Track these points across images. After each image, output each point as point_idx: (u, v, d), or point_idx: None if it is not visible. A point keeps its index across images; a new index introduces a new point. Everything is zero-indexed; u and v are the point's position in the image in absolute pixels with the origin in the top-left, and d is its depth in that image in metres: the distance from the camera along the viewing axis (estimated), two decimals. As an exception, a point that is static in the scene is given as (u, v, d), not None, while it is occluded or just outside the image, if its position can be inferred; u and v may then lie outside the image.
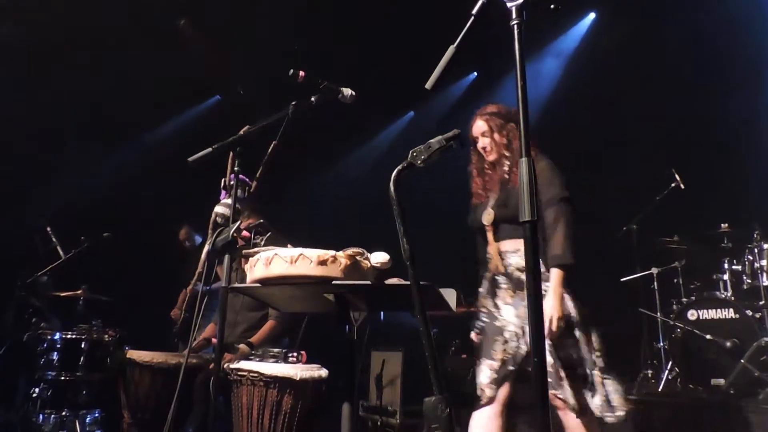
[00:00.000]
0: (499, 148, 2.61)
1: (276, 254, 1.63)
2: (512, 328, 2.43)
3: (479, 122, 2.68)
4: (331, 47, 5.55)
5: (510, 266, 2.52)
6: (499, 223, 2.57)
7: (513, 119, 2.64)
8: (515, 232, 2.52)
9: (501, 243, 2.56)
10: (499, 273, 2.55)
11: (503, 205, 2.56)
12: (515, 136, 2.60)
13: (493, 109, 2.69)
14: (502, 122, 2.64)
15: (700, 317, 4.00)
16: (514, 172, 2.56)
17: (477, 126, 2.68)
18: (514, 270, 2.50)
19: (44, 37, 5.04)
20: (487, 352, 2.44)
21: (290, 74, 2.19)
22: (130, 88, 5.58)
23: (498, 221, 2.57)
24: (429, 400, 1.41)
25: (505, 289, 2.51)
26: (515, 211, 2.46)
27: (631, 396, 3.81)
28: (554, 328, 2.32)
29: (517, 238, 2.51)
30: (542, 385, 1.18)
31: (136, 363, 3.10)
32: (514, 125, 2.62)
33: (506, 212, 2.54)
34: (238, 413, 2.69)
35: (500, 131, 2.62)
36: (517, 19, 1.23)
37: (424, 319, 1.53)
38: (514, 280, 2.49)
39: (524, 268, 2.37)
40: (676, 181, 4.53)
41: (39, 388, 3.69)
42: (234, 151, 2.20)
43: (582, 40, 5.96)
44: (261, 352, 2.90)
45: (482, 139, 2.65)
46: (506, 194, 2.58)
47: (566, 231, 2.39)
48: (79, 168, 5.79)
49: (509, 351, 2.41)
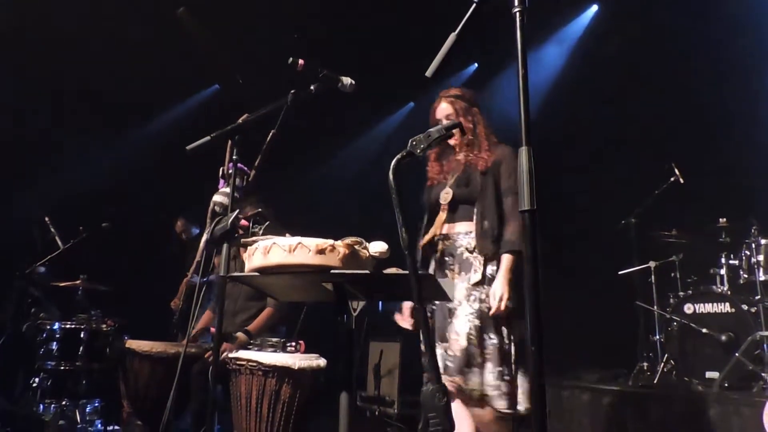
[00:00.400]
0: (466, 132, 2.58)
1: (274, 243, 1.63)
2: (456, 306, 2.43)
3: (444, 104, 2.63)
4: (330, 36, 5.53)
5: (460, 247, 2.50)
6: (457, 203, 2.56)
7: (477, 104, 2.65)
8: (470, 213, 2.52)
9: (455, 224, 2.55)
10: (448, 254, 2.53)
11: (464, 185, 2.55)
12: (479, 120, 2.61)
13: (457, 92, 2.65)
14: (467, 106, 2.61)
15: (697, 311, 4.01)
16: (477, 156, 2.56)
17: (441, 108, 2.63)
18: (464, 251, 2.49)
19: (42, 27, 5.01)
20: (441, 335, 2.45)
21: (289, 63, 2.18)
22: (128, 78, 5.56)
23: (456, 201, 2.56)
24: (426, 390, 1.42)
25: (452, 270, 2.50)
26: (475, 192, 2.49)
27: (627, 388, 3.85)
28: (502, 306, 2.32)
29: (471, 220, 2.51)
30: (538, 378, 1.18)
31: (136, 353, 3.10)
32: (478, 110, 2.64)
33: (465, 192, 2.54)
34: (236, 402, 2.70)
35: (465, 115, 2.59)
36: (519, 6, 1.23)
37: (422, 308, 1.53)
38: (462, 261, 2.48)
39: (473, 249, 2.44)
40: (676, 175, 4.53)
41: (39, 378, 3.71)
42: (232, 139, 2.20)
43: (583, 32, 5.94)
44: (259, 342, 2.91)
45: (446, 122, 2.58)
46: (467, 175, 2.56)
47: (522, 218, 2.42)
48: (78, 158, 5.78)
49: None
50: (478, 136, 2.59)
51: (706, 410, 3.18)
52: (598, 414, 3.66)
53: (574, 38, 5.99)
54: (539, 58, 5.98)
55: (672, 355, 4.01)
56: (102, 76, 5.43)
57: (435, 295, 1.95)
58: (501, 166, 2.53)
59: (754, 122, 4.60)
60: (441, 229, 2.57)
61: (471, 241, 2.48)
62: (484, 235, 2.45)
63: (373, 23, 5.46)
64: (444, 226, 2.57)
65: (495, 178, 2.52)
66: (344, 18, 5.47)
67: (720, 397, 3.30)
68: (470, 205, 2.53)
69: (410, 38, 4.98)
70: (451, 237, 2.55)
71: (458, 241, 2.52)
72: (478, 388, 2.32)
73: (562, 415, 3.85)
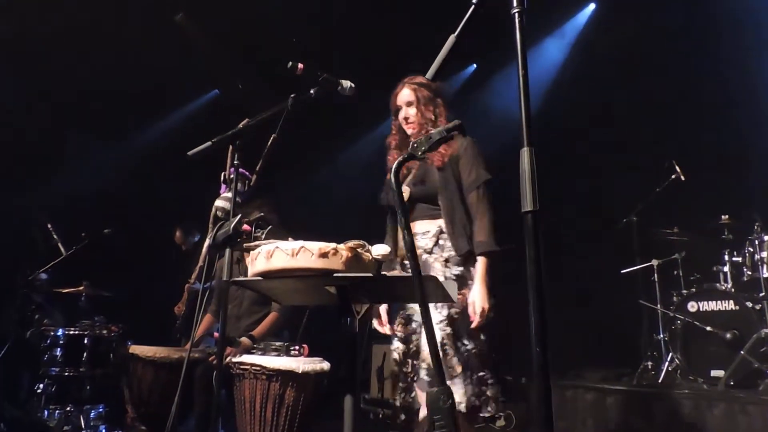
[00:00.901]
0: (424, 122, 2.43)
1: (277, 247, 1.63)
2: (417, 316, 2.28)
3: (406, 90, 2.48)
4: (329, 40, 5.53)
5: (418, 249, 2.33)
6: (415, 201, 2.41)
7: (442, 95, 2.49)
8: (429, 212, 2.38)
9: (414, 224, 2.40)
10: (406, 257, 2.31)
11: (420, 182, 2.41)
12: (442, 113, 2.45)
13: (422, 80, 2.47)
14: (430, 95, 2.45)
15: (700, 309, 4.00)
16: (438, 152, 2.36)
17: (402, 94, 2.49)
18: (422, 253, 2.33)
19: (43, 31, 5.02)
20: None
21: (289, 67, 2.19)
22: (129, 83, 5.57)
23: (413, 199, 2.41)
24: (431, 392, 1.42)
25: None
26: (433, 189, 2.37)
27: (631, 387, 3.84)
28: (482, 318, 2.19)
29: (430, 218, 2.37)
30: (544, 380, 1.18)
31: (139, 358, 3.10)
32: (443, 102, 2.48)
33: (423, 190, 2.39)
34: (240, 407, 2.70)
35: (427, 104, 2.44)
36: (518, 7, 1.23)
37: (425, 311, 1.53)
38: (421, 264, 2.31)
39: (431, 250, 2.31)
40: (677, 172, 4.52)
41: (43, 384, 3.72)
42: (233, 144, 2.20)
43: (581, 30, 5.94)
44: (263, 346, 2.90)
45: (406, 108, 2.47)
46: (424, 171, 2.41)
47: (489, 216, 2.28)
48: (80, 164, 5.79)
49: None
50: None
51: (712, 409, 3.17)
52: (602, 414, 3.65)
53: (573, 35, 5.99)
54: (538, 57, 5.98)
55: (676, 353, 4.00)
56: (103, 82, 5.44)
57: (438, 296, 1.94)
58: (460, 160, 2.38)
59: (755, 118, 4.60)
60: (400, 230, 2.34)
61: (429, 242, 2.34)
62: (457, 233, 2.30)
63: (373, 26, 5.46)
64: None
65: (454, 172, 2.37)
66: (344, 21, 5.48)
67: (726, 395, 3.29)
68: (428, 203, 2.39)
69: (410, 41, 4.99)
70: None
71: (418, 242, 2.35)
72: (462, 400, 2.15)
73: (566, 415, 3.84)
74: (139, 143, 6.33)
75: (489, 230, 2.24)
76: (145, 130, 6.43)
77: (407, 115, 2.45)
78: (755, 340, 3.55)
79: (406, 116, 2.45)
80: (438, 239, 2.33)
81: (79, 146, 5.75)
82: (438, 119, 2.43)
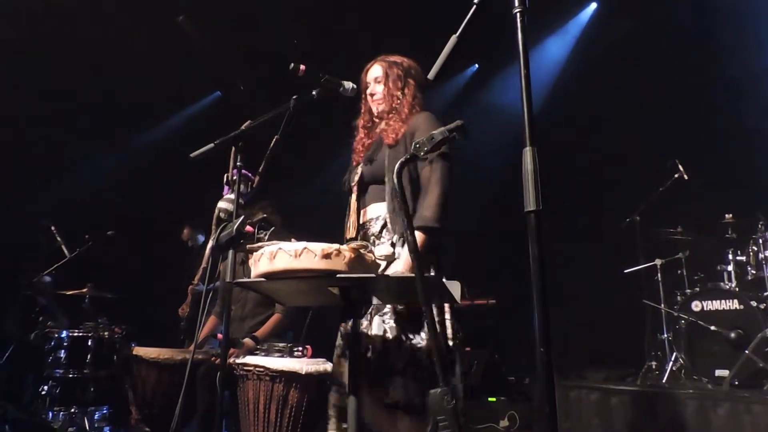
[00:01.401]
0: (390, 99, 2.29)
1: (280, 248, 1.63)
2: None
3: (376, 66, 2.35)
4: (330, 40, 5.53)
5: (372, 236, 2.18)
6: (366, 183, 2.26)
7: (415, 77, 2.33)
8: (380, 194, 2.20)
9: (365, 209, 2.25)
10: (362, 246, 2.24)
11: (369, 161, 2.25)
12: (410, 92, 2.30)
13: (395, 59, 2.36)
14: (401, 74, 2.31)
15: (704, 308, 3.99)
16: (390, 127, 2.25)
17: (372, 71, 2.36)
18: (374, 239, 2.17)
19: (46, 35, 5.04)
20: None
21: (291, 68, 2.19)
22: (131, 86, 5.59)
23: (365, 181, 2.26)
24: (434, 392, 1.42)
25: None
26: (381, 169, 2.19)
27: (636, 387, 3.83)
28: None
29: (381, 201, 2.20)
30: (548, 379, 1.17)
31: (143, 359, 3.11)
32: (414, 83, 2.32)
33: (371, 170, 2.23)
34: (244, 408, 2.70)
35: (396, 81, 2.30)
36: (519, 6, 1.23)
37: (429, 311, 1.53)
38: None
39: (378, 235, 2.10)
40: (680, 171, 4.51)
41: (48, 386, 3.73)
42: (236, 146, 2.20)
43: (584, 28, 5.93)
44: (266, 347, 2.91)
45: (374, 85, 2.33)
46: (375, 149, 2.26)
47: (440, 191, 2.05)
48: (82, 166, 5.81)
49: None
50: (402, 105, 2.27)
51: (717, 409, 3.16)
52: (607, 414, 3.64)
53: (575, 35, 5.99)
54: (540, 56, 5.97)
55: (680, 353, 3.99)
56: (105, 84, 5.46)
57: (442, 296, 1.94)
58: (415, 135, 2.16)
59: (758, 116, 4.58)
60: (357, 216, 2.26)
61: (377, 226, 2.18)
62: (395, 213, 2.11)
63: (374, 27, 5.46)
64: (360, 213, 2.26)
65: (408, 149, 2.10)
66: (345, 22, 5.48)
67: (730, 395, 3.27)
68: (378, 183, 2.22)
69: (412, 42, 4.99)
70: (365, 226, 2.23)
71: (370, 229, 2.20)
72: (401, 399, 1.96)
73: (570, 416, 3.83)
74: (141, 145, 6.34)
75: (436, 205, 2.02)
76: (147, 132, 6.44)
77: (374, 91, 2.33)
78: (760, 340, 3.54)
79: (372, 92, 2.33)
80: (385, 222, 2.16)
81: (81, 149, 5.77)
82: (405, 98, 2.28)
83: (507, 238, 3.98)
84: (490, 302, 4.97)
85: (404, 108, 2.27)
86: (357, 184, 2.27)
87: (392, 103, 2.29)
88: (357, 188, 2.27)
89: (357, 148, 2.38)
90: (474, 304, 4.91)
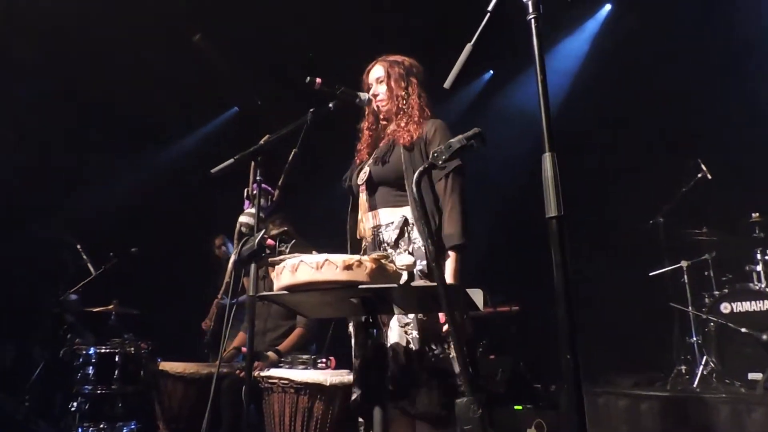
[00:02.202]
0: (396, 100, 2.27)
1: (302, 261, 1.64)
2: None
3: (377, 67, 2.34)
4: (345, 52, 5.58)
5: (383, 244, 2.14)
6: (376, 185, 2.22)
7: (417, 76, 2.33)
8: (393, 198, 2.18)
9: (376, 212, 2.20)
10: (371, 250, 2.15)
11: (381, 162, 2.21)
12: (415, 92, 2.29)
13: (397, 58, 2.35)
14: (402, 73, 2.30)
15: (734, 310, 3.90)
16: (402, 128, 2.23)
17: (374, 71, 2.34)
18: (386, 247, 2.13)
19: (68, 54, 5.17)
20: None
21: (307, 82, 2.21)
22: (151, 103, 5.71)
23: (375, 181, 2.22)
24: (461, 401, 1.41)
25: None
26: (395, 170, 2.18)
27: (666, 392, 3.75)
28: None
29: (393, 206, 2.17)
30: (576, 386, 1.16)
31: (169, 374, 3.15)
32: (417, 82, 2.32)
33: (385, 171, 2.20)
34: (270, 420, 2.71)
35: (398, 81, 2.28)
36: (533, 12, 1.23)
37: (452, 320, 1.52)
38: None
39: (394, 244, 2.07)
40: (703, 171, 4.43)
41: (77, 402, 3.78)
42: (255, 160, 2.23)
43: (600, 28, 5.89)
44: (290, 359, 2.92)
45: (377, 85, 2.32)
46: (387, 150, 2.23)
47: (461, 207, 2.07)
48: (105, 184, 5.92)
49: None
50: (410, 107, 2.25)
51: (751, 413, 3.08)
52: (636, 421, 3.57)
53: (590, 35, 5.95)
54: (557, 59, 5.94)
55: (711, 356, 3.89)
56: (125, 101, 5.57)
57: (465, 305, 1.93)
58: (430, 144, 2.17)
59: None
60: (366, 220, 2.23)
61: (392, 234, 2.13)
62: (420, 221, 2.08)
63: (389, 36, 5.49)
64: (367, 215, 2.23)
65: (423, 154, 2.16)
66: (358, 33, 5.52)
67: (765, 398, 3.19)
68: (391, 187, 2.19)
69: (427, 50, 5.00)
70: (375, 231, 2.20)
71: (380, 236, 2.16)
72: (426, 410, 1.95)
73: (599, 423, 3.76)
74: (162, 161, 6.46)
75: (459, 222, 2.04)
76: (168, 148, 6.56)
77: (377, 91, 2.31)
78: (793, 341, 3.45)
79: (376, 93, 2.31)
80: (402, 231, 2.13)
81: (103, 166, 5.88)
82: (410, 98, 2.27)
83: (528, 244, 3.95)
84: (513, 309, 4.91)
85: (414, 110, 2.26)
86: (365, 183, 2.24)
87: (398, 103, 2.27)
88: (366, 188, 2.24)
89: (361, 149, 2.38)
90: (497, 311, 4.86)
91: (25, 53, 5.11)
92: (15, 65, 5.17)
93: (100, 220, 5.59)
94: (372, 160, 2.26)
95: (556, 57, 5.93)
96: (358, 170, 2.31)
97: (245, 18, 5.35)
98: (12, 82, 5.04)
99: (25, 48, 5.08)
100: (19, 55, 5.14)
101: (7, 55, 5.08)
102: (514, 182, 5.56)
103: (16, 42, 5.03)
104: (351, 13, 5.35)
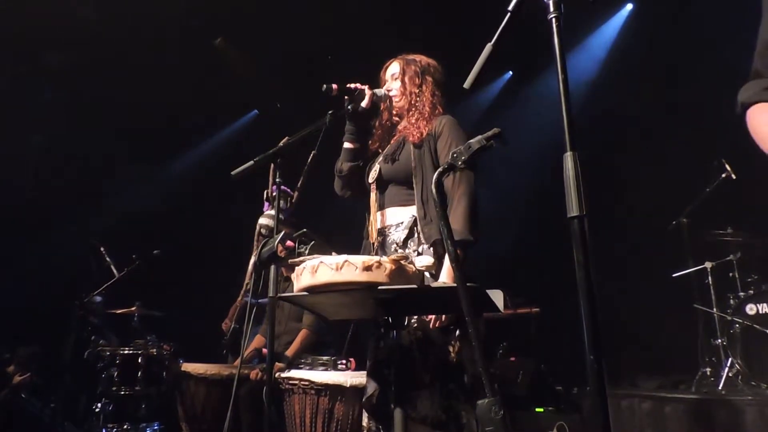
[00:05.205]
0: (410, 96, 2.27)
1: (321, 262, 1.65)
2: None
3: (393, 63, 2.35)
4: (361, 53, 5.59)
5: (392, 245, 2.11)
6: (386, 182, 2.20)
7: (433, 75, 2.31)
8: (402, 197, 2.16)
9: (385, 211, 2.19)
10: (381, 253, 2.11)
11: (391, 159, 2.20)
12: (429, 89, 2.27)
13: (414, 57, 2.34)
14: (417, 71, 2.29)
15: (760, 311, 3.83)
16: (412, 125, 2.22)
17: (390, 67, 2.36)
18: (396, 248, 2.10)
19: (94, 62, 5.28)
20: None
21: (324, 90, 2.21)
22: (173, 108, 5.79)
23: (384, 179, 2.20)
24: (482, 403, 1.40)
25: None
26: (406, 167, 2.16)
27: (691, 395, 3.69)
28: (446, 319, 1.94)
29: (402, 205, 2.15)
30: (600, 388, 1.14)
31: (191, 375, 3.17)
32: (432, 80, 2.30)
33: (395, 168, 2.18)
34: (291, 421, 2.73)
35: (413, 79, 2.28)
36: (555, 12, 1.22)
37: (472, 321, 1.51)
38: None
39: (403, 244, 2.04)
40: (727, 171, 4.35)
41: (101, 403, 3.83)
42: (275, 162, 2.24)
43: (622, 27, 5.83)
44: (311, 361, 2.93)
45: (391, 81, 2.33)
46: (398, 148, 2.22)
47: (468, 202, 2.01)
48: (128, 188, 6.02)
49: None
50: (422, 104, 2.23)
51: (779, 416, 3.01)
52: (661, 424, 3.51)
53: (613, 35, 5.89)
54: (578, 59, 5.88)
55: (736, 358, 3.82)
56: (150, 107, 5.66)
57: (484, 306, 1.92)
58: (439, 140, 2.16)
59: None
60: (376, 220, 2.20)
61: (401, 234, 2.11)
62: (428, 221, 2.06)
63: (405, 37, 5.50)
64: (376, 215, 2.21)
65: (431, 151, 2.15)
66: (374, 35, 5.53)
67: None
68: (400, 185, 2.17)
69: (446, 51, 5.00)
70: (384, 231, 2.17)
71: (390, 236, 2.14)
72: (428, 414, 1.92)
73: (623, 426, 3.72)
74: (183, 165, 6.54)
75: (465, 217, 1.98)
76: (189, 152, 6.64)
77: (390, 87, 2.32)
78: (822, 343, 3.37)
79: (389, 89, 2.32)
80: (411, 230, 2.10)
81: (127, 170, 5.99)
82: (424, 95, 2.25)
83: (549, 245, 3.92)
84: (533, 311, 4.87)
85: (425, 107, 2.24)
86: (376, 182, 2.23)
87: (410, 100, 2.26)
88: (376, 187, 2.23)
89: (371, 146, 2.38)
90: (517, 313, 4.83)
91: (53, 62, 5.23)
92: (42, 72, 5.30)
93: (123, 223, 5.68)
94: (382, 158, 2.26)
95: (577, 56, 5.88)
96: (369, 168, 2.31)
97: (264, 21, 5.40)
98: (39, 89, 5.16)
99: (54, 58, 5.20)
100: (46, 63, 5.27)
101: (35, 63, 5.21)
102: (536, 181, 5.52)
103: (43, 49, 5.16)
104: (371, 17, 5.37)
